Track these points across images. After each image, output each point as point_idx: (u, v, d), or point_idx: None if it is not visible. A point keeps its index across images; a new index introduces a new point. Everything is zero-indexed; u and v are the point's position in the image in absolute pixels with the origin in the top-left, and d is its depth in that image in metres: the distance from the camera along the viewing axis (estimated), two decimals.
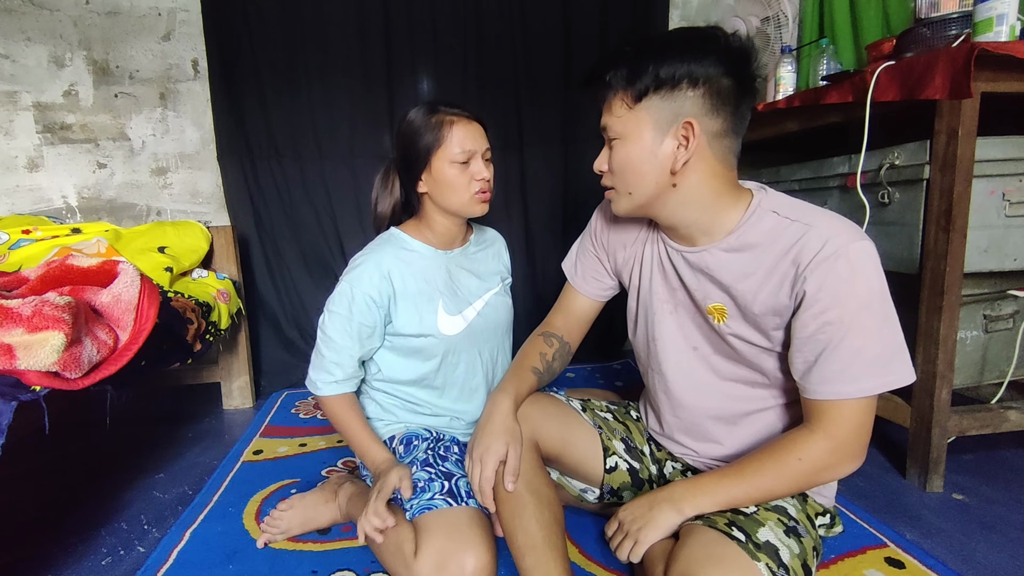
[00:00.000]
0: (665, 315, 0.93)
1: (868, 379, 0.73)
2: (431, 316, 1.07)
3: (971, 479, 1.26)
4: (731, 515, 0.76)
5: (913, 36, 1.30)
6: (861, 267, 0.72)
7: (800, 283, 0.74)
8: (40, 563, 1.04)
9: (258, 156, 2.06)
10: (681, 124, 0.76)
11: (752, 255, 0.80)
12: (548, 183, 2.23)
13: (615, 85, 0.79)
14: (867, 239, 0.74)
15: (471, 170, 1.02)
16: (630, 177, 0.81)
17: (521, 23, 2.11)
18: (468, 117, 1.04)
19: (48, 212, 2.01)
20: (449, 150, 1.01)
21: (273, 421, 1.73)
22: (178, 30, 2.03)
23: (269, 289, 2.14)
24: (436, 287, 1.08)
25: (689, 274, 0.87)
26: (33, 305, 0.84)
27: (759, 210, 0.81)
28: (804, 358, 0.76)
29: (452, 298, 1.09)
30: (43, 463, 1.46)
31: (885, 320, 0.74)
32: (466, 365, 1.12)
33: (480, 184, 1.03)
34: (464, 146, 1.01)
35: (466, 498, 0.94)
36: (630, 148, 0.80)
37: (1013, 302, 1.30)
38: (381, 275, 1.03)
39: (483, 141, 1.04)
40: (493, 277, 1.18)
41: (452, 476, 0.97)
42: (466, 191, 1.02)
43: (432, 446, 1.05)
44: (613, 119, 0.81)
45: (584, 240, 1.08)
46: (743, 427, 0.90)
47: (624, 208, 0.85)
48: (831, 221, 0.76)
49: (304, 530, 1.09)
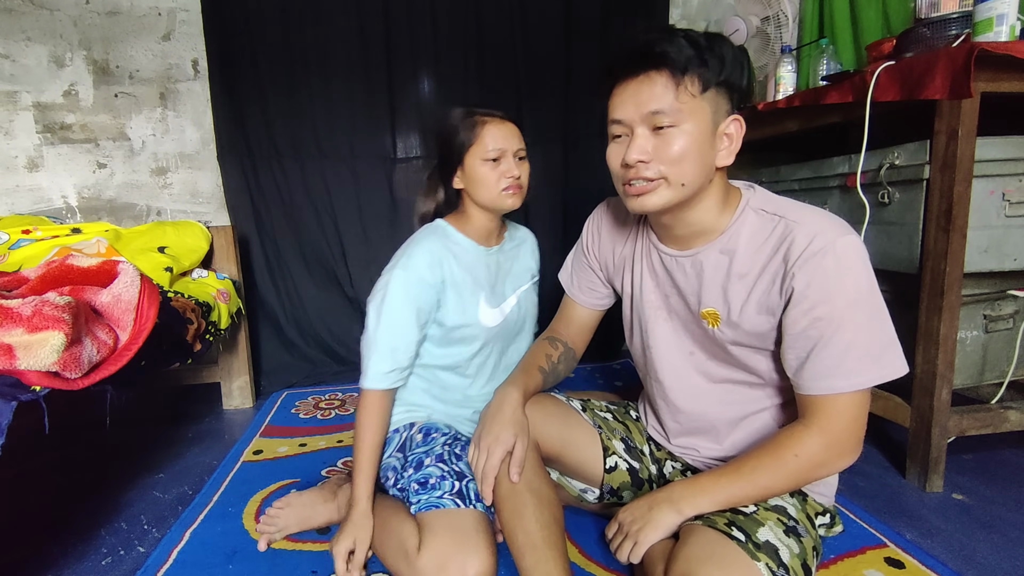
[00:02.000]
0: (659, 322, 0.94)
1: (860, 373, 0.73)
2: (474, 308, 1.10)
3: (971, 479, 1.26)
4: (731, 515, 0.76)
5: (913, 36, 1.30)
6: (848, 262, 0.72)
7: (789, 280, 0.75)
8: (40, 563, 1.04)
9: (258, 156, 2.06)
10: (731, 120, 0.78)
11: (744, 255, 0.80)
12: (549, 183, 2.23)
13: (683, 68, 0.73)
14: (853, 234, 0.75)
15: (501, 168, 1.06)
16: (688, 166, 0.76)
17: (522, 22, 2.11)
18: (501, 118, 1.08)
19: (48, 212, 2.01)
20: (482, 148, 1.05)
21: (273, 421, 1.73)
22: (178, 30, 2.03)
23: (269, 289, 2.14)
24: (479, 280, 1.11)
25: (684, 278, 0.87)
26: (33, 305, 0.84)
27: (747, 209, 0.82)
28: (796, 354, 0.77)
29: (491, 292, 1.13)
30: (43, 463, 1.46)
31: (875, 313, 0.74)
32: (497, 356, 1.17)
33: (508, 180, 1.06)
34: (496, 144, 1.05)
35: (475, 500, 0.94)
36: (693, 136, 0.75)
37: (1013, 302, 1.30)
38: (434, 260, 1.06)
39: (516, 141, 1.08)
40: (525, 274, 1.22)
41: (464, 477, 0.98)
42: (495, 186, 1.06)
43: (450, 443, 1.05)
44: (676, 104, 0.74)
45: (577, 252, 1.09)
46: (742, 429, 0.90)
47: (663, 201, 0.78)
48: (817, 217, 0.76)
49: (301, 528, 1.09)
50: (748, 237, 0.80)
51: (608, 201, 1.04)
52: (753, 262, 0.80)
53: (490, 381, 1.16)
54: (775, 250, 0.77)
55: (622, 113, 0.78)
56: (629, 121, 0.77)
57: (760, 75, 1.98)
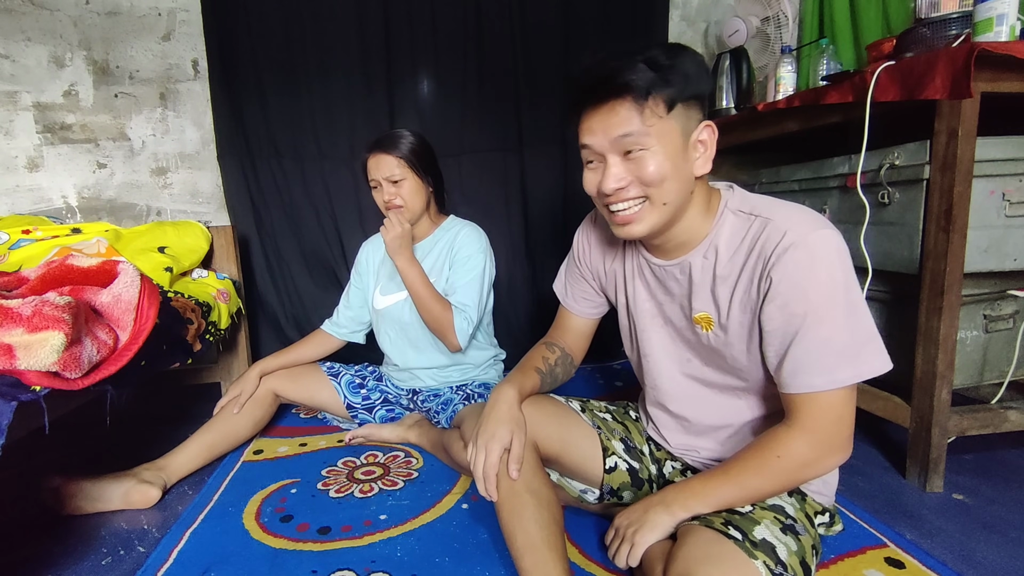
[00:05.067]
0: (654, 330, 0.94)
1: (839, 370, 0.72)
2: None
3: (971, 479, 1.26)
4: (727, 514, 0.77)
5: (913, 36, 1.30)
6: (822, 256, 0.72)
7: (766, 276, 0.75)
8: (40, 563, 1.04)
9: (258, 156, 2.06)
10: (703, 128, 0.78)
11: (724, 257, 0.81)
12: (548, 183, 2.23)
13: (646, 92, 0.72)
14: (829, 227, 0.74)
15: (381, 195, 1.41)
16: (668, 185, 0.76)
17: (521, 23, 2.11)
18: (378, 151, 1.39)
19: (48, 212, 2.01)
20: (369, 178, 1.44)
21: (273, 421, 1.73)
22: (178, 30, 2.03)
23: (269, 289, 2.14)
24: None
25: (676, 285, 0.88)
26: (33, 305, 0.84)
27: (727, 211, 0.82)
28: (775, 351, 0.77)
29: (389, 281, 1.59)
30: (43, 463, 1.46)
31: (852, 309, 0.73)
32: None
33: (384, 204, 1.41)
34: (371, 175, 1.41)
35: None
36: (666, 156, 0.75)
37: (1013, 302, 1.30)
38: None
39: (386, 169, 1.37)
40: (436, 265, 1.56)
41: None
42: (384, 207, 1.42)
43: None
44: (643, 127, 0.73)
45: (569, 263, 1.09)
46: (742, 432, 0.91)
47: (652, 223, 0.79)
48: (791, 212, 0.76)
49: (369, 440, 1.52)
50: (727, 239, 0.81)
51: (595, 211, 1.03)
52: (733, 263, 0.80)
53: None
54: (751, 249, 0.78)
55: (591, 140, 0.78)
56: (599, 148, 0.77)
57: (760, 75, 1.98)
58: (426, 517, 1.14)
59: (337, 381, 1.57)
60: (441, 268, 1.47)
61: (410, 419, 1.55)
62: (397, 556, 1.02)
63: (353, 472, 1.36)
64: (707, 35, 2.34)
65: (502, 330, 1.97)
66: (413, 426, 1.51)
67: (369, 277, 1.59)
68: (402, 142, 1.38)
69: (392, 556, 1.02)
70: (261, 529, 1.11)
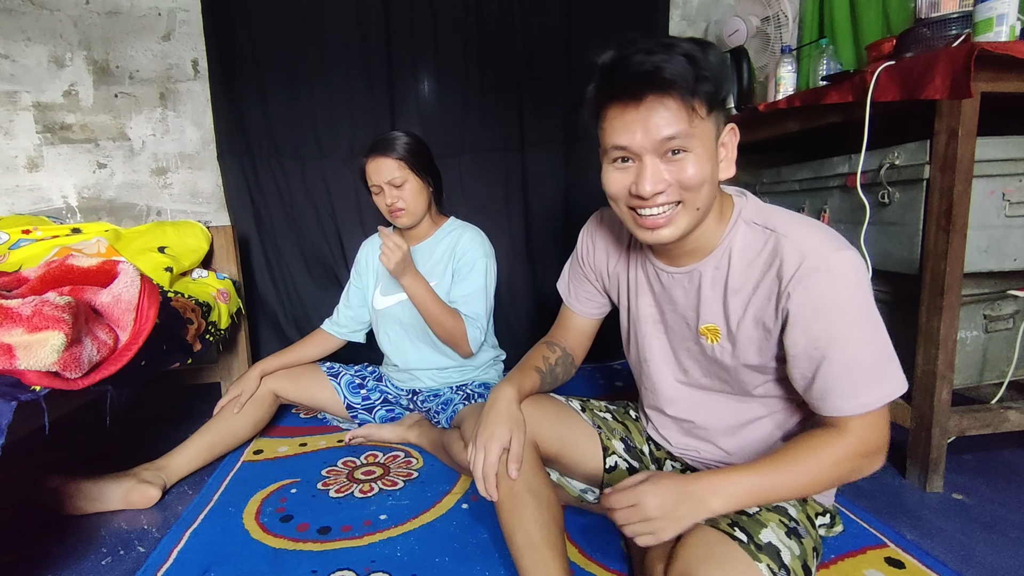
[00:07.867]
0: (655, 336, 0.94)
1: (867, 393, 0.72)
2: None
3: (971, 479, 1.26)
4: (734, 515, 0.76)
5: (913, 36, 1.30)
6: (842, 279, 0.71)
7: (784, 300, 0.74)
8: (40, 563, 1.04)
9: (258, 156, 2.06)
10: (728, 130, 0.76)
11: (737, 269, 0.79)
12: (550, 184, 2.23)
13: (692, 90, 0.68)
14: (848, 248, 0.73)
15: (383, 199, 1.40)
16: (706, 191, 0.73)
17: (522, 23, 2.10)
18: (377, 155, 1.38)
19: (48, 212, 2.01)
20: (369, 183, 1.42)
21: (273, 421, 1.73)
22: (178, 30, 2.03)
23: (269, 289, 2.14)
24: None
25: (682, 294, 0.86)
26: (33, 305, 0.84)
27: (740, 221, 0.80)
28: (802, 373, 0.76)
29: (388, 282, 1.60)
30: (43, 463, 1.46)
31: (875, 330, 0.73)
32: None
33: (387, 207, 1.41)
34: (371, 180, 1.40)
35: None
36: (704, 159, 0.71)
37: (1013, 302, 1.30)
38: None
39: (387, 173, 1.37)
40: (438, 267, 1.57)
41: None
42: (386, 211, 1.42)
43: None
44: (689, 129, 0.69)
45: (573, 263, 1.08)
46: (742, 436, 0.91)
47: (683, 228, 0.75)
48: (810, 231, 0.75)
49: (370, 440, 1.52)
50: (740, 251, 0.79)
51: (601, 212, 1.02)
52: (746, 277, 0.78)
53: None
54: (768, 266, 0.76)
55: (627, 140, 0.71)
56: (637, 149, 0.71)
57: (760, 75, 1.98)
58: (426, 517, 1.15)
59: (337, 381, 1.57)
60: (443, 271, 1.47)
61: (410, 419, 1.55)
62: (397, 556, 1.02)
63: (353, 472, 1.36)
64: (707, 35, 2.33)
65: (502, 330, 1.97)
66: (413, 426, 1.52)
67: (369, 277, 1.59)
68: (399, 143, 1.38)
69: (392, 556, 1.02)
70: (261, 529, 1.12)
